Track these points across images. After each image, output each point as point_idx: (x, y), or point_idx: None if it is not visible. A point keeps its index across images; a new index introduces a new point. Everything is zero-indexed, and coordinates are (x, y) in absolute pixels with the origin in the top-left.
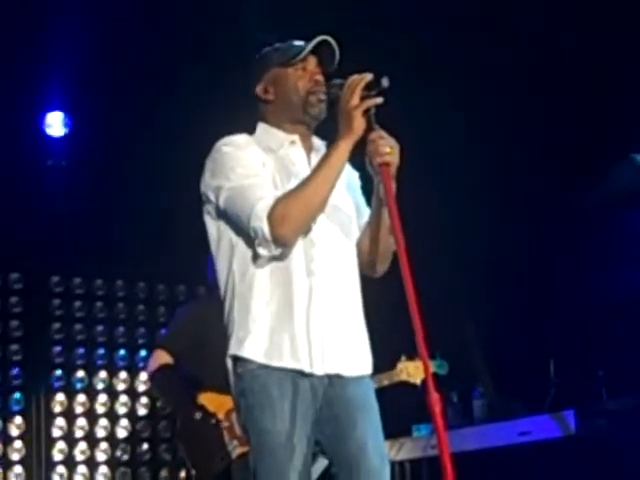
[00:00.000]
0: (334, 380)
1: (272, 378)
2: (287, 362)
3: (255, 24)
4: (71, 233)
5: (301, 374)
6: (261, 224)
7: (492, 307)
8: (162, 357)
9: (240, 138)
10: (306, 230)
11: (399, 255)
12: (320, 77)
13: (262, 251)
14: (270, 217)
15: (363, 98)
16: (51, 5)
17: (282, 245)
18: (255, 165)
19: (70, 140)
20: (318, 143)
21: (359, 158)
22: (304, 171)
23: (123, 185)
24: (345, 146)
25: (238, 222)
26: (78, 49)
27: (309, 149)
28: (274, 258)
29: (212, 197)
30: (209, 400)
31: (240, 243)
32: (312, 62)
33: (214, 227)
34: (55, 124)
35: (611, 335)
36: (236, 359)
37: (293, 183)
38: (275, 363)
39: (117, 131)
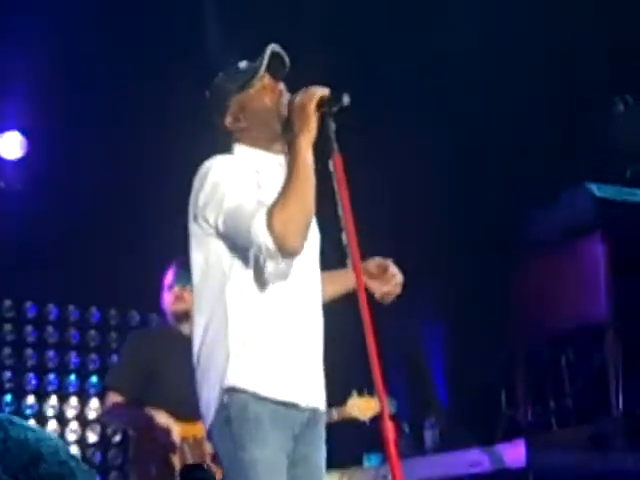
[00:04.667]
0: (311, 415)
1: (264, 408)
2: (280, 394)
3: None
4: (25, 258)
5: (291, 406)
6: (264, 238)
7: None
8: (114, 398)
9: (226, 158)
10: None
11: (359, 295)
12: (281, 86)
13: (269, 266)
14: (270, 229)
15: (320, 107)
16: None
17: (289, 254)
18: (244, 183)
19: (26, 162)
20: None
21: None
22: None
23: (78, 208)
24: (307, 143)
25: (237, 243)
26: (36, 70)
27: None
28: (265, 290)
29: (205, 222)
30: None
31: (235, 271)
32: (266, 75)
33: (201, 254)
34: (10, 146)
35: (562, 366)
36: (226, 390)
37: None
38: (269, 394)
39: (74, 153)
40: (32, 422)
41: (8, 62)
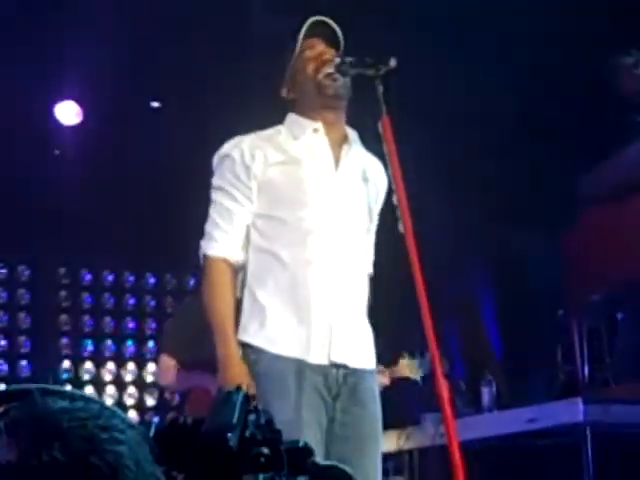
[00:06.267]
0: (350, 372)
1: (286, 366)
2: (295, 352)
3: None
4: (79, 225)
5: (308, 365)
6: (202, 260)
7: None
8: (168, 362)
9: (239, 144)
10: (319, 224)
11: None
12: (329, 56)
13: None
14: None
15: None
16: None
17: None
18: (237, 177)
19: (81, 129)
20: (351, 134)
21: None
22: (324, 159)
23: (133, 176)
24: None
25: None
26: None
27: (339, 139)
28: (279, 250)
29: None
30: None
31: (250, 235)
32: (319, 46)
33: None
34: (66, 113)
35: (618, 321)
36: (247, 346)
37: (310, 170)
38: (284, 353)
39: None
40: (90, 387)
41: (67, 37)
